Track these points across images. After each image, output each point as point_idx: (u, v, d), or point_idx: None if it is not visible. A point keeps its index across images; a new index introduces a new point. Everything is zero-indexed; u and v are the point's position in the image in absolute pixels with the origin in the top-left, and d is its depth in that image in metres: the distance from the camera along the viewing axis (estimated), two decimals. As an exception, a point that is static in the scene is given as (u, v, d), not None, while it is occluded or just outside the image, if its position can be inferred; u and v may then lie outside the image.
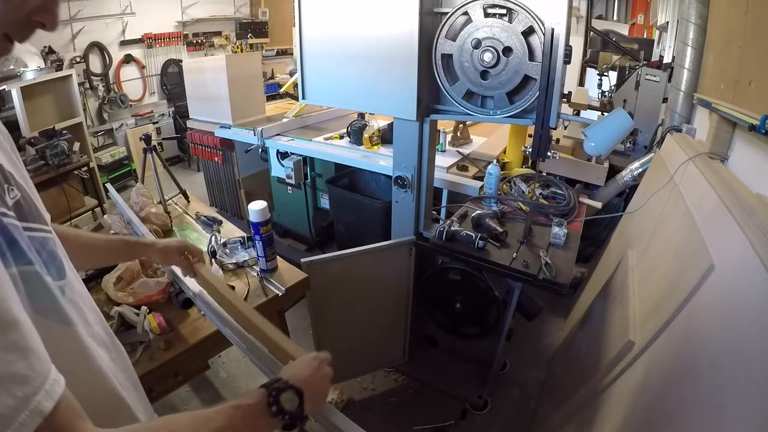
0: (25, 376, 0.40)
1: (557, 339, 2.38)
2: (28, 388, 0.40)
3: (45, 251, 0.55)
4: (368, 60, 1.58)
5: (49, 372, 0.43)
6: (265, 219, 1.46)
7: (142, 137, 2.19)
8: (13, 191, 0.52)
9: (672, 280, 1.28)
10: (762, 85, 1.39)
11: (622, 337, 1.36)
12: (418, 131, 1.64)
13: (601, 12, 6.41)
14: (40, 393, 0.41)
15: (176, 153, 5.47)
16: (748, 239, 0.98)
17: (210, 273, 1.10)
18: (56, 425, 0.42)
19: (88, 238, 0.97)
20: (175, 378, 1.29)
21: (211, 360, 1.55)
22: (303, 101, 1.81)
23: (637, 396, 1.16)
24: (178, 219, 2.03)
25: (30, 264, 0.50)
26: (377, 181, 2.63)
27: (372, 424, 1.88)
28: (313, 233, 3.05)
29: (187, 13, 5.33)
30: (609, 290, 1.86)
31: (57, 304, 0.54)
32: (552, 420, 1.70)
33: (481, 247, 1.57)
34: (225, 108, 2.90)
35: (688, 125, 2.23)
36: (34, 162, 3.18)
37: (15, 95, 3.40)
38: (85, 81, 4.49)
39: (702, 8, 2.11)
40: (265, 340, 0.88)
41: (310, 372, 0.67)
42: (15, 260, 0.47)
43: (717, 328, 0.97)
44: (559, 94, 1.31)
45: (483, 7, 1.32)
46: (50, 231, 0.59)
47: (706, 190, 1.38)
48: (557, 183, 2.05)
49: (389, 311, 1.99)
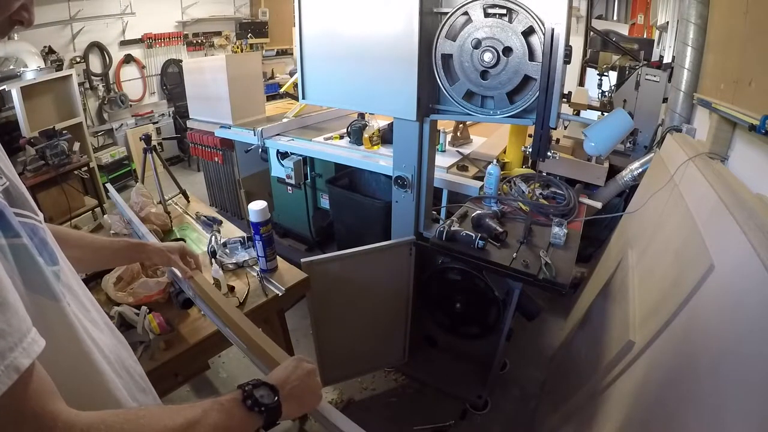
0: (1, 330, 0.40)
1: (557, 339, 2.38)
2: (3, 342, 0.40)
3: (36, 237, 0.55)
4: (368, 60, 1.58)
5: (28, 331, 0.43)
6: (265, 219, 1.46)
7: (142, 137, 2.19)
8: (1, 179, 0.53)
9: (672, 280, 1.28)
10: (762, 85, 1.39)
11: (622, 337, 1.36)
12: (418, 131, 1.64)
13: (601, 12, 6.40)
14: (17, 350, 0.40)
15: (176, 153, 5.47)
16: (748, 239, 0.98)
17: (204, 280, 1.13)
18: (30, 395, 0.41)
19: (92, 239, 0.98)
20: (175, 378, 1.29)
21: (211, 360, 1.55)
22: (303, 101, 1.81)
23: (637, 396, 1.16)
24: (178, 219, 2.03)
25: (18, 237, 0.49)
26: (377, 181, 2.63)
27: (372, 424, 1.88)
28: (313, 233, 3.05)
29: (187, 13, 5.33)
30: (609, 290, 1.86)
31: (48, 282, 0.54)
32: (552, 420, 1.70)
33: (481, 247, 1.57)
34: (225, 108, 2.90)
35: (688, 125, 2.23)
36: (34, 162, 3.18)
37: (15, 95, 3.40)
38: (85, 81, 4.49)
39: (702, 8, 2.11)
40: (253, 347, 0.89)
41: (286, 373, 0.69)
42: (3, 232, 0.47)
43: (717, 328, 0.97)
44: (559, 94, 1.31)
45: (483, 7, 1.32)
46: (41, 222, 0.59)
47: (706, 190, 1.38)
48: (557, 183, 2.05)
49: (389, 311, 1.99)
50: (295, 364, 0.72)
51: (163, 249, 1.11)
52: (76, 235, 0.93)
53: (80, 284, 0.66)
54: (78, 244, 0.90)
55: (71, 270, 0.65)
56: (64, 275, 0.59)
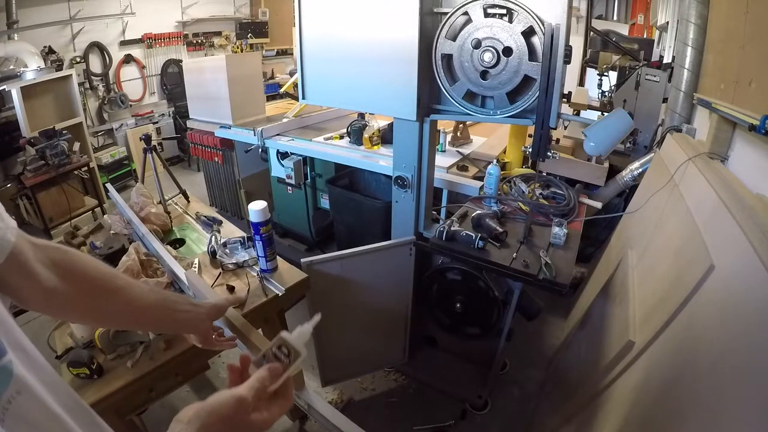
0: None
1: (557, 339, 2.38)
2: None
3: None
4: (368, 60, 1.58)
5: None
6: (265, 219, 1.46)
7: (142, 137, 2.19)
8: None
9: (672, 280, 1.28)
10: (762, 85, 1.39)
11: (622, 337, 1.36)
12: (418, 131, 1.64)
13: (601, 12, 6.41)
14: None
15: (176, 153, 5.48)
16: (748, 239, 0.98)
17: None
18: None
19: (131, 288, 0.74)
20: (175, 378, 1.30)
21: (211, 360, 1.55)
22: (303, 101, 1.81)
23: (637, 396, 1.16)
24: (178, 219, 2.03)
25: None
26: (377, 181, 2.63)
27: (372, 424, 1.88)
28: (313, 233, 3.05)
29: (187, 13, 5.33)
30: (609, 290, 1.86)
31: None
32: (552, 420, 1.70)
33: (481, 247, 1.57)
34: (225, 108, 2.90)
35: (688, 125, 2.23)
36: (34, 162, 3.18)
37: (15, 95, 3.41)
38: (85, 81, 4.49)
39: (702, 8, 2.10)
40: (252, 347, 0.88)
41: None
42: None
43: (717, 328, 0.97)
44: (559, 94, 1.31)
45: (483, 7, 1.32)
46: None
47: (706, 190, 1.38)
48: (557, 183, 2.05)
49: (389, 311, 1.99)
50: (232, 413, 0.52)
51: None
52: (109, 274, 0.71)
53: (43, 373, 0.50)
54: (116, 294, 0.70)
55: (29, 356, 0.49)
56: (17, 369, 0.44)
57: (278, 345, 0.59)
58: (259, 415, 0.54)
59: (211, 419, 0.50)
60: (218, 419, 0.51)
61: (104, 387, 1.14)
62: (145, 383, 1.20)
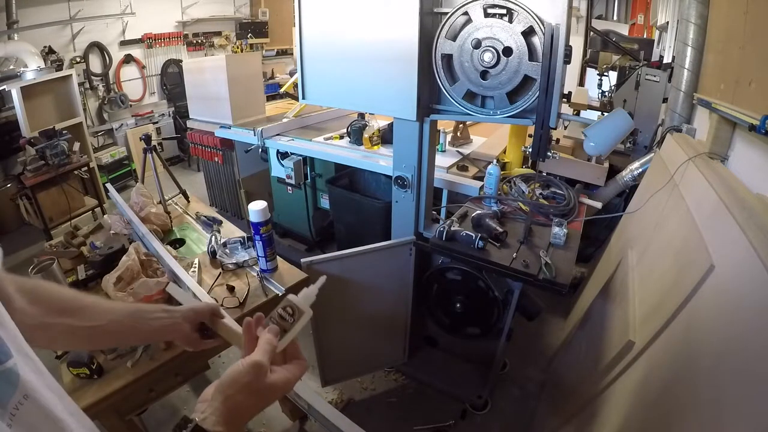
0: None
1: (557, 339, 2.38)
2: None
3: None
4: (368, 60, 1.58)
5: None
6: (265, 219, 1.46)
7: (142, 137, 2.19)
8: None
9: (672, 280, 1.28)
10: (762, 85, 1.39)
11: (622, 337, 1.36)
12: (418, 131, 1.64)
13: (601, 12, 6.41)
14: None
15: (176, 153, 5.48)
16: (748, 239, 0.98)
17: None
18: None
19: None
20: (175, 378, 1.30)
21: (211, 360, 1.55)
22: (303, 101, 1.81)
23: (637, 396, 1.16)
24: (178, 219, 2.03)
25: None
26: (377, 181, 2.63)
27: (372, 424, 1.88)
28: (313, 233, 3.05)
29: (187, 13, 5.33)
30: (609, 290, 1.86)
31: None
32: (552, 420, 1.70)
33: (481, 247, 1.57)
34: (225, 108, 2.90)
35: (688, 125, 2.23)
36: (34, 162, 3.18)
37: (15, 95, 3.41)
38: (85, 81, 4.49)
39: (702, 8, 2.11)
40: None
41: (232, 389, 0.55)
42: None
43: (717, 328, 0.97)
44: (559, 94, 1.31)
45: (483, 7, 1.32)
46: None
47: (706, 190, 1.38)
48: (557, 183, 2.05)
49: (389, 311, 1.99)
50: (248, 380, 0.55)
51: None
52: (89, 302, 0.72)
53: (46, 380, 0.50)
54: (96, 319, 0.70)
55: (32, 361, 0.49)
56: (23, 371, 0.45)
57: (284, 306, 0.63)
58: (277, 375, 0.57)
59: (231, 390, 0.53)
60: (239, 388, 0.53)
61: (104, 387, 1.14)
62: (145, 383, 1.20)
